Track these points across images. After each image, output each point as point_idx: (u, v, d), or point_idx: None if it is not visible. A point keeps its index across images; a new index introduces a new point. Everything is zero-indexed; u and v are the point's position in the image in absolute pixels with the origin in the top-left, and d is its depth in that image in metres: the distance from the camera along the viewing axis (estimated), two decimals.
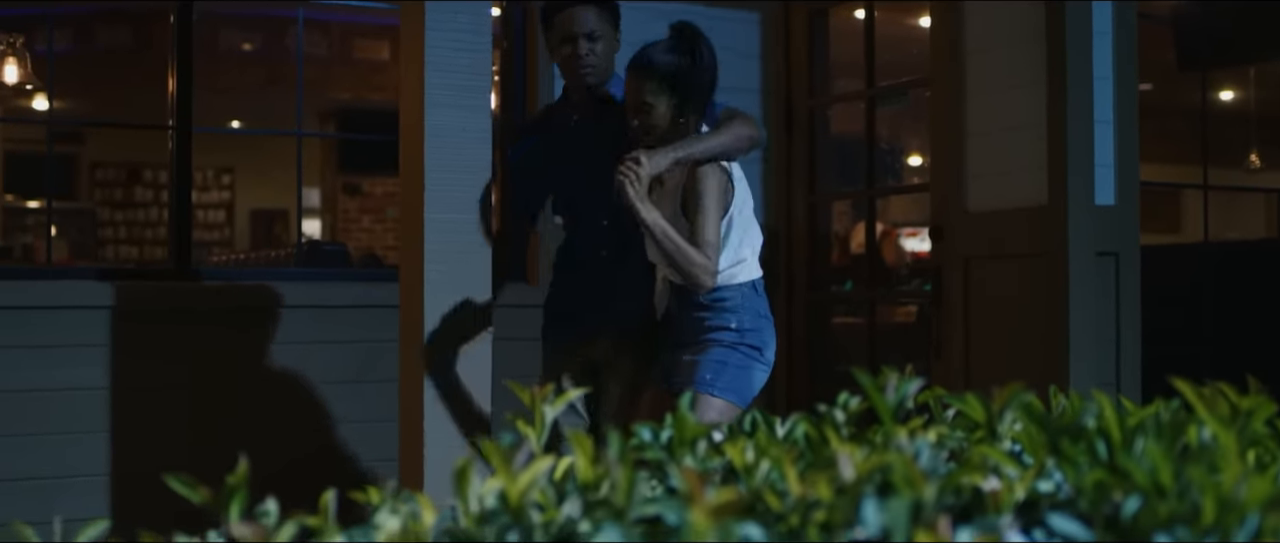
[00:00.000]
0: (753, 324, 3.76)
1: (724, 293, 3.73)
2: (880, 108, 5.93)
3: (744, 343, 3.74)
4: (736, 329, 3.73)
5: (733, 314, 3.74)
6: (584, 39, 4.09)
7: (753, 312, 3.77)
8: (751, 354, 3.75)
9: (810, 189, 5.97)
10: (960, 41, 5.12)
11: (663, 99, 3.76)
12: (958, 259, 5.08)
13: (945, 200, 5.18)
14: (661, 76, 3.76)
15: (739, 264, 3.75)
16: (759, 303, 3.80)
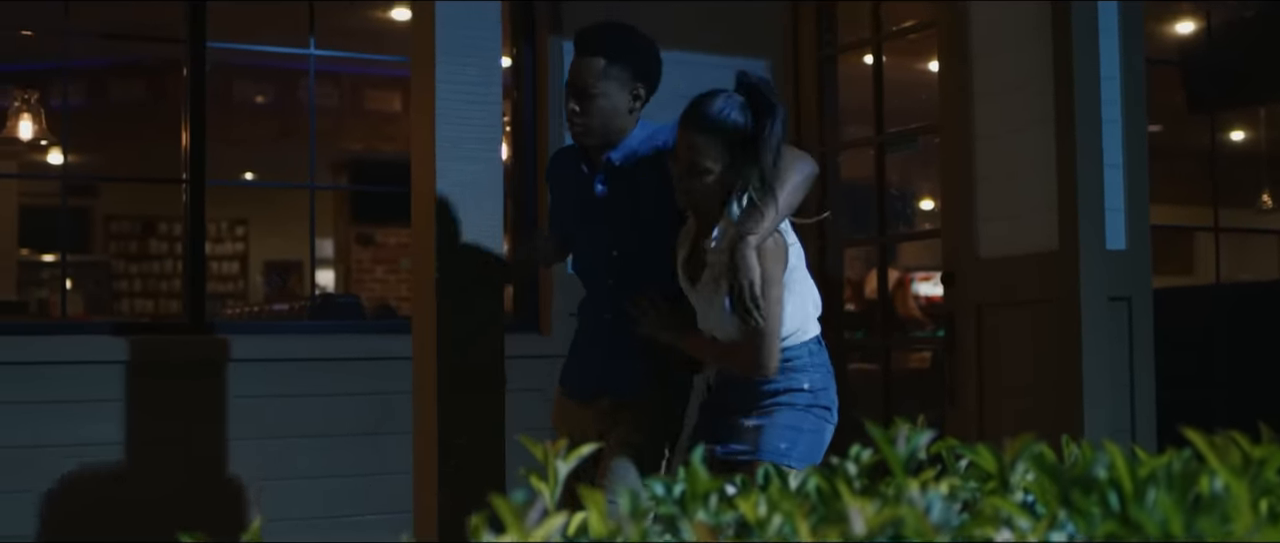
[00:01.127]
0: (823, 383, 3.45)
1: (791, 352, 3.39)
2: (890, 153, 5.94)
3: (818, 404, 3.42)
4: (809, 390, 3.40)
5: (804, 374, 3.40)
6: (575, 96, 3.63)
7: (822, 369, 3.46)
8: (823, 416, 3.44)
9: (821, 235, 5.97)
10: (969, 87, 5.13)
11: (720, 167, 3.30)
12: (970, 305, 5.08)
13: (957, 246, 5.18)
14: (727, 139, 3.31)
15: (804, 322, 3.43)
16: (824, 358, 3.49)
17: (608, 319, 3.73)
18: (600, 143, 3.68)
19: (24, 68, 9.09)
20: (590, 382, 3.75)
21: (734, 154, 3.29)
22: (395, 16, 8.27)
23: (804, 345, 3.41)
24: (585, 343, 3.84)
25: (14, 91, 8.67)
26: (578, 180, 3.76)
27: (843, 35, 6.17)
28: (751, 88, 3.35)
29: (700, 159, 3.30)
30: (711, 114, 3.33)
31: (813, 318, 3.46)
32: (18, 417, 4.83)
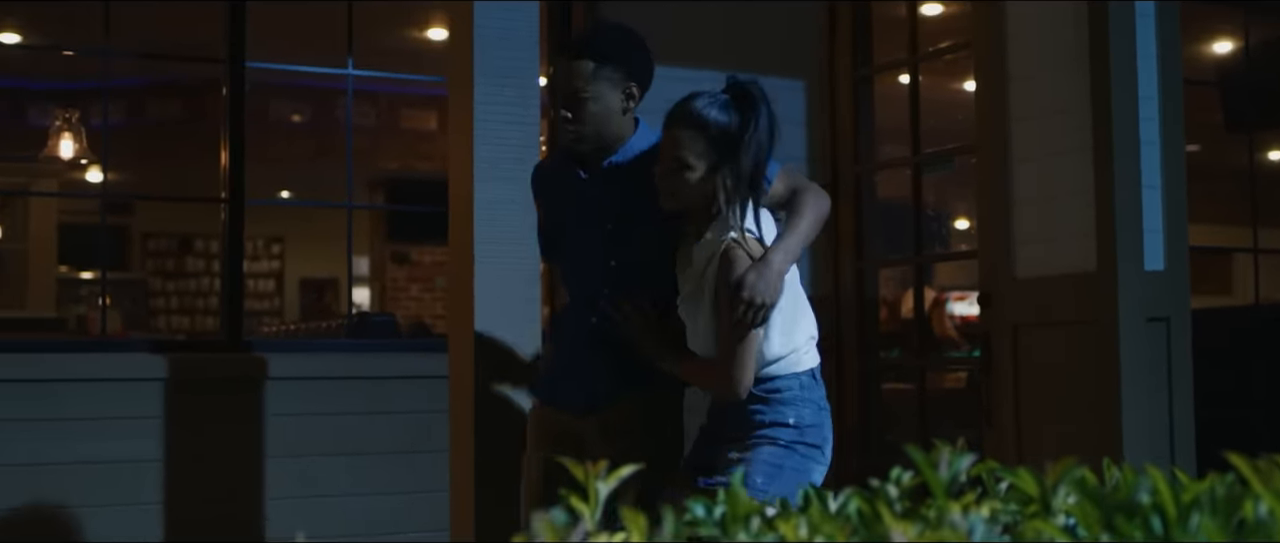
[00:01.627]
0: (813, 419, 3.27)
1: (780, 382, 3.25)
2: (926, 174, 5.93)
3: (804, 441, 3.24)
4: (795, 425, 3.23)
5: (790, 408, 3.24)
6: (565, 102, 3.43)
7: (812, 404, 3.28)
8: (810, 454, 3.25)
9: (858, 255, 5.97)
10: (1005, 109, 5.12)
11: (704, 164, 3.19)
12: (1006, 326, 5.06)
13: (993, 267, 5.16)
14: (710, 137, 3.20)
15: (793, 352, 3.28)
16: (817, 393, 3.32)
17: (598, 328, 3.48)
18: (596, 148, 3.48)
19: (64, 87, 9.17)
20: (576, 394, 3.49)
21: (718, 153, 3.18)
22: (431, 36, 8.32)
23: (794, 377, 3.26)
24: (573, 355, 3.55)
25: (55, 111, 8.75)
26: (572, 186, 3.54)
27: (878, 55, 6.18)
28: (737, 87, 3.27)
29: (682, 154, 3.20)
30: (693, 109, 3.24)
31: (808, 349, 3.33)
32: (55, 433, 4.86)
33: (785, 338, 3.24)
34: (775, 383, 3.23)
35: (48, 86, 9.57)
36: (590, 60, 3.42)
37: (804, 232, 3.28)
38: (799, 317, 3.30)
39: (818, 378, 3.35)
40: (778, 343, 3.23)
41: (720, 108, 3.22)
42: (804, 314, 3.34)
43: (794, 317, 3.28)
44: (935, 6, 7.17)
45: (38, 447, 4.85)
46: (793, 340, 3.26)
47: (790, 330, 3.26)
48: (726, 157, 3.18)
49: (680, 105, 3.30)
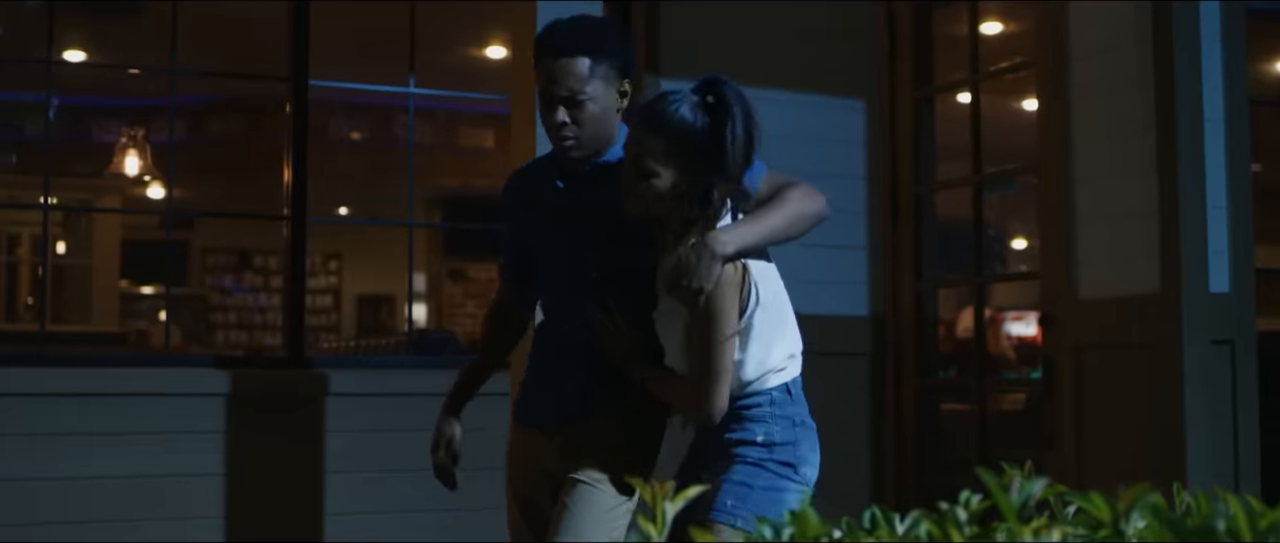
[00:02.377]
0: (785, 436, 3.04)
1: (749, 399, 3.04)
2: (987, 194, 5.90)
3: (774, 459, 3.02)
4: (764, 444, 3.01)
5: (760, 426, 3.03)
6: (563, 104, 3.16)
7: (785, 420, 3.05)
8: (783, 472, 3.02)
9: (917, 275, 5.95)
10: (1068, 129, 5.10)
11: (671, 169, 2.94)
12: (1068, 348, 5.03)
13: (1056, 288, 5.13)
14: (675, 139, 2.93)
15: (768, 373, 3.05)
16: (794, 409, 3.08)
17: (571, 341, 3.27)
18: (590, 153, 3.24)
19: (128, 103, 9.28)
20: (550, 410, 3.31)
21: (687, 158, 2.92)
22: (489, 54, 8.36)
23: (765, 394, 3.03)
24: (548, 369, 3.36)
25: (121, 128, 8.87)
26: (551, 194, 3.31)
27: (939, 74, 6.16)
28: (710, 86, 2.97)
29: (645, 159, 2.94)
30: (659, 110, 2.97)
31: (784, 365, 3.08)
32: (119, 448, 4.91)
33: (759, 361, 3.02)
34: (744, 400, 3.03)
35: (111, 103, 9.69)
36: (585, 57, 3.14)
37: (770, 225, 3.02)
38: (776, 337, 3.06)
39: (795, 393, 3.10)
40: (752, 366, 3.01)
41: (690, 108, 2.94)
42: (781, 334, 3.08)
43: (770, 338, 3.04)
44: (996, 25, 7.15)
45: (101, 461, 4.90)
46: (768, 362, 3.03)
47: (765, 354, 3.03)
48: (695, 162, 2.93)
49: (646, 105, 3.06)
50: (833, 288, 5.91)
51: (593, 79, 3.13)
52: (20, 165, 10.05)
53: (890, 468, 5.90)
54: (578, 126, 3.15)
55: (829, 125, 5.97)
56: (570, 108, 3.14)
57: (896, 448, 5.90)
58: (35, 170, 9.65)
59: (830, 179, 5.92)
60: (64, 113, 7.07)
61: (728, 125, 2.91)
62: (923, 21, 6.06)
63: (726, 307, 2.92)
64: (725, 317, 2.92)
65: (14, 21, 7.71)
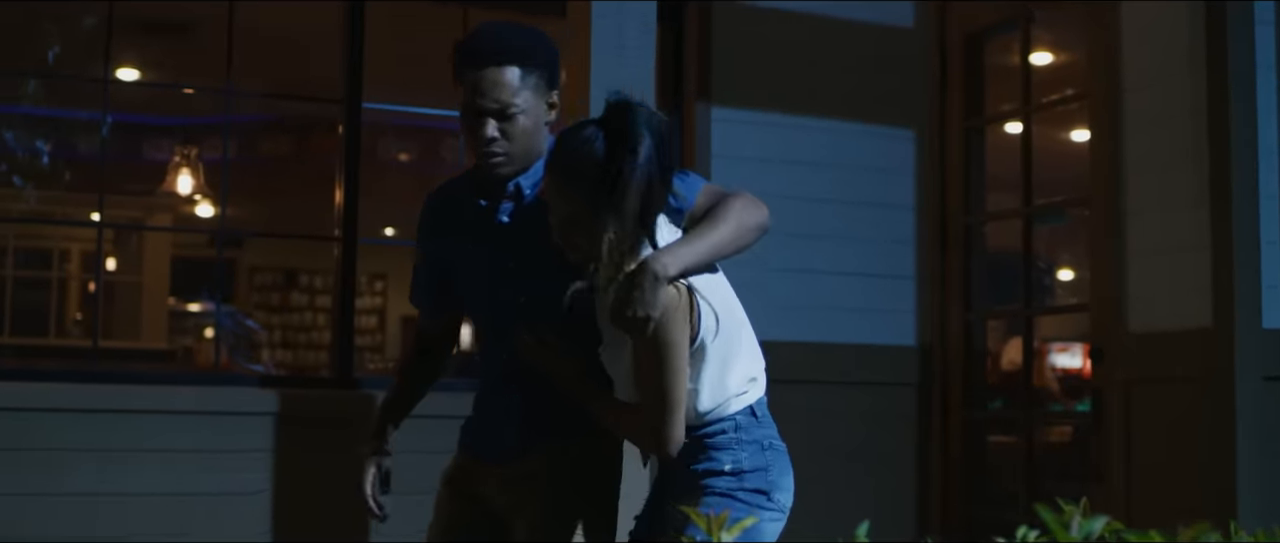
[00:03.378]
0: (754, 462, 2.88)
1: (714, 427, 2.88)
2: (1037, 225, 5.87)
3: (744, 488, 2.86)
4: (732, 472, 2.86)
5: (726, 454, 2.87)
6: (493, 117, 2.94)
7: (753, 445, 2.90)
8: (755, 500, 2.86)
9: (966, 306, 5.92)
10: (1120, 161, 5.07)
11: (584, 207, 2.74)
12: (1118, 381, 5.00)
13: (1105, 321, 5.10)
14: (586, 180, 2.73)
15: (728, 393, 2.89)
16: (761, 432, 2.93)
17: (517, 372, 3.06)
18: (517, 170, 3.02)
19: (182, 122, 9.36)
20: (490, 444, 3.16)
21: (600, 194, 2.70)
22: None
23: (728, 419, 2.88)
24: (488, 402, 3.21)
25: (174, 147, 8.95)
26: (474, 217, 3.09)
27: (990, 105, 6.14)
28: (612, 109, 2.76)
29: (564, 206, 2.77)
30: (566, 145, 2.79)
31: (745, 388, 2.92)
32: (165, 465, 4.93)
33: (716, 389, 2.86)
34: (706, 428, 2.86)
35: (164, 122, 9.78)
36: (516, 66, 2.93)
37: (713, 241, 2.81)
38: (732, 360, 2.89)
39: (761, 415, 2.94)
40: (707, 395, 2.85)
41: (589, 143, 2.74)
42: (738, 355, 2.91)
43: (726, 361, 2.87)
44: (1046, 55, 7.13)
45: (147, 477, 4.92)
46: (725, 388, 2.87)
47: (721, 379, 2.86)
48: (606, 198, 2.69)
49: (559, 138, 2.86)
50: (881, 318, 5.90)
51: (523, 90, 2.94)
52: (73, 183, 10.15)
53: (935, 500, 5.87)
54: (508, 141, 2.95)
55: (879, 155, 5.97)
56: (501, 121, 2.93)
57: (942, 480, 5.87)
58: (87, 188, 9.76)
59: (880, 209, 5.96)
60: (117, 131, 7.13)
61: (631, 150, 2.68)
62: (974, 51, 6.05)
63: (675, 334, 2.74)
64: (675, 344, 2.74)
65: (69, 40, 7.80)
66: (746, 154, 5.74)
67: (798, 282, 5.77)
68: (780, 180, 5.76)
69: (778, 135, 5.81)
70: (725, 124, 5.72)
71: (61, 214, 10.63)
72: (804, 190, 5.80)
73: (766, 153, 5.77)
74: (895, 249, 5.98)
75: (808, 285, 5.79)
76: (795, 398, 5.70)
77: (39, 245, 12.05)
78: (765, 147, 5.78)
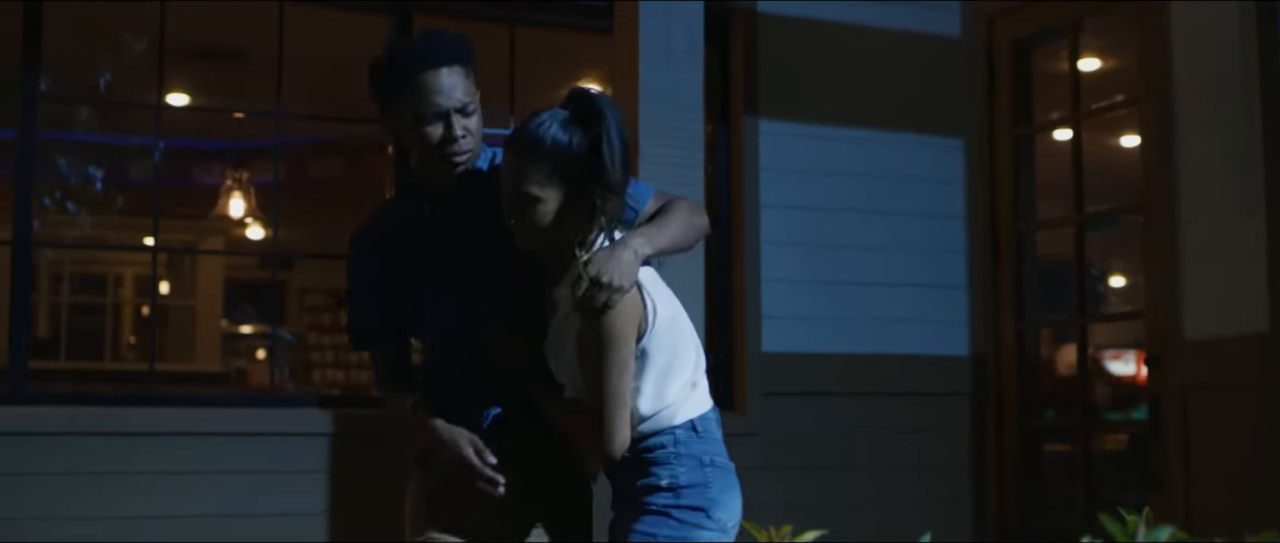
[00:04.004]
0: (692, 478, 2.81)
1: (654, 440, 2.83)
2: (1089, 233, 5.83)
3: (681, 505, 2.80)
4: (669, 488, 2.80)
5: (664, 468, 2.81)
6: (458, 115, 2.97)
7: (691, 460, 2.82)
8: (691, 518, 2.80)
9: (1018, 315, 5.89)
10: (1172, 167, 5.04)
11: (552, 192, 2.78)
12: (1175, 388, 4.96)
13: (1161, 328, 5.07)
14: (553, 159, 2.77)
15: (666, 408, 2.84)
16: (703, 447, 2.85)
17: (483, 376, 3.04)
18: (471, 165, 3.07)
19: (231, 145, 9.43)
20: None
21: (569, 177, 2.76)
22: None
23: (667, 433, 2.82)
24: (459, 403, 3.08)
25: (225, 170, 9.02)
26: (418, 229, 3.09)
27: (1039, 111, 6.11)
28: (576, 98, 2.83)
29: (524, 185, 2.78)
30: (530, 132, 2.79)
31: (686, 397, 2.86)
32: (223, 486, 4.97)
33: (656, 395, 2.82)
34: (645, 443, 2.82)
35: (214, 146, 9.85)
36: (460, 65, 2.99)
37: (672, 232, 2.88)
38: (676, 367, 2.86)
39: (703, 431, 2.87)
40: (648, 401, 2.82)
41: (561, 127, 2.78)
42: (683, 363, 2.88)
43: (669, 368, 2.84)
44: (1095, 61, 7.09)
45: (206, 499, 4.96)
46: (665, 396, 2.83)
47: (663, 385, 2.83)
48: (576, 180, 2.77)
49: (518, 131, 2.86)
50: (933, 328, 5.88)
51: (470, 87, 3.00)
52: (126, 208, 10.25)
53: (992, 509, 5.84)
54: (470, 137, 3.00)
55: (928, 165, 5.95)
56: (463, 118, 2.97)
57: (997, 489, 5.84)
58: (140, 213, 9.85)
59: (930, 219, 5.94)
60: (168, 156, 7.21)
61: (603, 138, 2.75)
62: (1021, 58, 6.03)
63: (625, 329, 2.74)
64: (623, 339, 2.74)
65: (121, 67, 7.88)
66: (795, 166, 5.74)
67: (850, 293, 5.76)
68: (829, 192, 5.76)
69: (826, 147, 5.81)
70: (773, 136, 5.71)
71: (115, 239, 10.71)
72: (853, 202, 5.80)
73: (815, 165, 5.77)
74: (946, 259, 5.96)
75: (860, 297, 5.78)
76: (848, 410, 5.71)
77: (93, 271, 12.15)
78: (813, 158, 5.78)
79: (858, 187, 5.84)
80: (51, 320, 11.41)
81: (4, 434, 4.75)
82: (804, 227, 5.72)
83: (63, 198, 9.80)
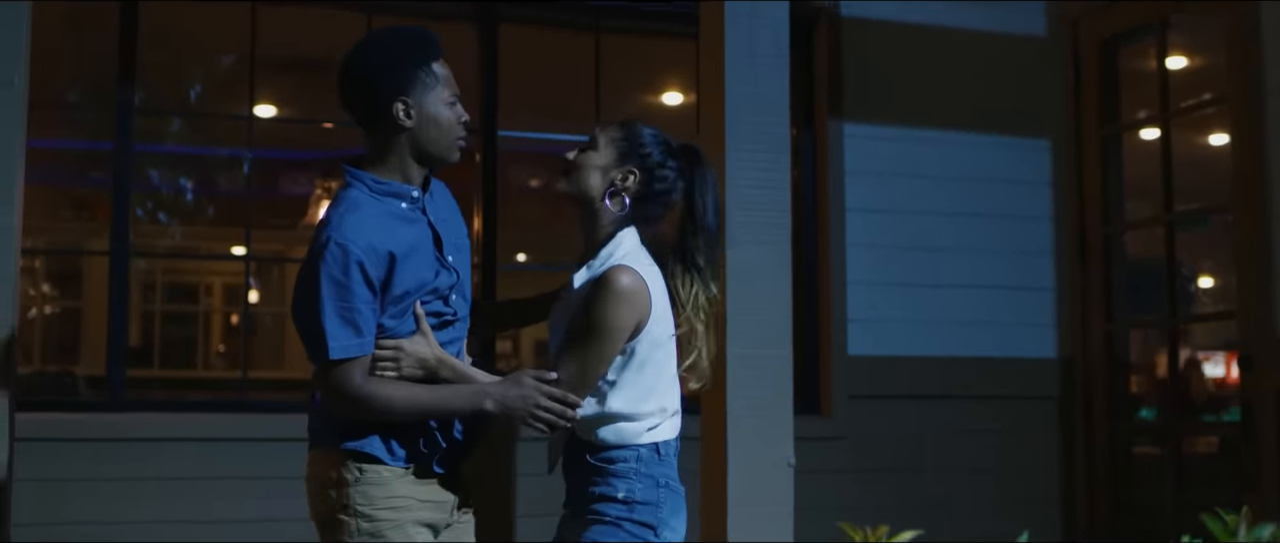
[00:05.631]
0: (647, 496, 2.92)
1: (614, 453, 2.94)
2: (1179, 232, 5.77)
3: (632, 519, 2.91)
4: (624, 501, 2.92)
5: (622, 481, 2.93)
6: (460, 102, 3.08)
7: (649, 479, 2.93)
8: (641, 534, 2.91)
9: (1107, 317, 5.84)
10: (1264, 165, 4.98)
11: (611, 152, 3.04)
12: (1270, 389, 4.90)
13: (1253, 328, 5.01)
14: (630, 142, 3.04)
15: (635, 421, 2.95)
16: (660, 469, 2.96)
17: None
18: None
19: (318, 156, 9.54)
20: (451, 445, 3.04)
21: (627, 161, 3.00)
22: (665, 101, 8.42)
23: (632, 449, 2.93)
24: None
25: (315, 180, 9.12)
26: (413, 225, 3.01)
27: (1126, 111, 6.06)
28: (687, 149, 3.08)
29: (594, 134, 3.04)
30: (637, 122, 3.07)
31: (656, 422, 2.97)
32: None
33: (631, 400, 2.94)
34: (609, 453, 2.93)
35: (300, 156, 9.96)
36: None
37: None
38: (656, 386, 2.97)
39: (665, 455, 2.98)
40: (620, 400, 2.93)
41: (661, 143, 3.04)
42: (663, 386, 2.98)
43: (650, 385, 2.95)
44: (1182, 59, 7.01)
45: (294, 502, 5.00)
46: (639, 406, 2.94)
47: (640, 396, 2.94)
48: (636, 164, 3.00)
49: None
50: (1020, 331, 5.85)
51: None
52: (216, 218, 10.39)
53: (1082, 510, 5.79)
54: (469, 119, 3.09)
55: (1015, 166, 5.92)
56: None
57: (1088, 491, 5.79)
58: (229, 223, 9.99)
59: (1017, 220, 5.90)
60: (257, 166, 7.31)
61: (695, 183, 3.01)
62: (1108, 58, 5.98)
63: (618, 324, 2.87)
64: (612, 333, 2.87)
65: (210, 80, 8.00)
66: (879, 169, 5.73)
67: (935, 296, 5.74)
68: (915, 195, 5.75)
69: (911, 149, 5.79)
70: (857, 140, 5.71)
71: (205, 249, 10.87)
72: (939, 204, 5.78)
73: (900, 167, 5.76)
74: (1034, 261, 5.92)
75: (945, 300, 5.76)
76: (933, 412, 5.69)
77: (184, 280, 12.33)
78: (898, 161, 5.76)
79: (943, 189, 5.82)
80: (143, 330, 11.60)
81: (103, 440, 4.84)
82: (889, 230, 5.71)
83: (155, 208, 9.95)
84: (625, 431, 2.93)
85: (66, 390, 8.54)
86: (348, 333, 2.86)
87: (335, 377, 2.87)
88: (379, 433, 2.93)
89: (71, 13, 6.19)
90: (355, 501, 2.92)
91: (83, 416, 5.15)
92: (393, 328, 2.94)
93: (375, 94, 2.99)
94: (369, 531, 2.92)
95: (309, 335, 2.89)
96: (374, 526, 2.92)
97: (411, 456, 2.96)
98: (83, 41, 6.65)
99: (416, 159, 3.01)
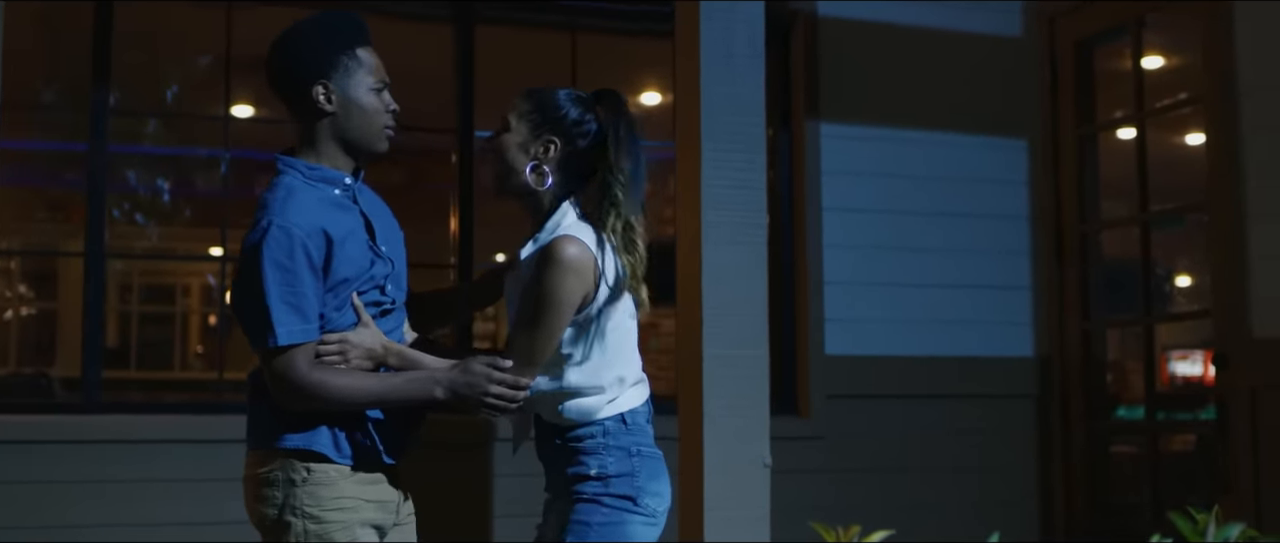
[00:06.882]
0: (620, 468, 2.96)
1: (580, 432, 2.98)
2: (1155, 232, 5.79)
3: (609, 493, 2.94)
4: (598, 476, 2.95)
5: (593, 458, 2.96)
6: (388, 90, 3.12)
7: (620, 451, 2.96)
8: (620, 506, 2.94)
9: (1083, 316, 5.86)
10: (1239, 165, 5.00)
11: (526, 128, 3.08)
12: (1244, 388, 4.92)
13: (1228, 326, 5.03)
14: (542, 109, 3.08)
15: (594, 395, 2.99)
16: (630, 438, 2.99)
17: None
18: None
19: None
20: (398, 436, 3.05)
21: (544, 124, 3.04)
22: (644, 101, 8.43)
23: (598, 425, 2.96)
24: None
25: None
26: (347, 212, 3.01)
27: (1102, 111, 6.08)
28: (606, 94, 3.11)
29: (507, 115, 3.08)
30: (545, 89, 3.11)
31: (616, 392, 3.00)
32: None
33: (588, 373, 2.97)
34: (576, 432, 2.97)
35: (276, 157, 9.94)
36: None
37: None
38: (612, 357, 2.99)
39: (633, 423, 3.00)
40: (576, 373, 2.97)
41: (574, 100, 3.08)
42: (621, 357, 3.02)
43: (606, 357, 2.98)
44: (1158, 59, 7.04)
45: None
46: (595, 378, 2.97)
47: (596, 368, 2.97)
48: (553, 131, 3.03)
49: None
50: (997, 329, 5.86)
51: None
52: (193, 219, 10.37)
53: (1059, 510, 5.81)
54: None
55: (991, 166, 5.93)
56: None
57: (1064, 490, 5.81)
58: (206, 223, 9.97)
59: (994, 220, 5.92)
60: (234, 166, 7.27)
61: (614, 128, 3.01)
62: (1084, 58, 5.99)
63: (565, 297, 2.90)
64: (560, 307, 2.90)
65: (187, 80, 7.98)
66: (857, 169, 5.74)
67: (912, 296, 5.75)
68: (891, 195, 5.75)
69: (887, 149, 5.80)
70: (834, 140, 5.71)
71: (182, 250, 10.85)
72: (915, 204, 5.79)
73: (876, 167, 5.76)
74: (1010, 260, 5.94)
75: (922, 299, 5.77)
76: (911, 412, 5.70)
77: (161, 281, 12.30)
78: (875, 161, 5.77)
79: (920, 189, 5.83)
80: (120, 331, 11.57)
81: (79, 442, 4.82)
82: (866, 229, 5.72)
83: (131, 209, 9.93)
84: (587, 406, 2.97)
85: (42, 392, 8.51)
86: (294, 318, 2.84)
87: (280, 365, 2.84)
88: (326, 426, 2.91)
89: (46, 13, 6.17)
90: (303, 501, 2.89)
91: (58, 417, 5.13)
92: (334, 321, 2.92)
93: (295, 79, 3.00)
94: (316, 532, 2.90)
95: (252, 323, 2.86)
96: (321, 527, 2.90)
97: (357, 451, 2.94)
98: (57, 42, 6.62)
99: (343, 148, 3.02)
